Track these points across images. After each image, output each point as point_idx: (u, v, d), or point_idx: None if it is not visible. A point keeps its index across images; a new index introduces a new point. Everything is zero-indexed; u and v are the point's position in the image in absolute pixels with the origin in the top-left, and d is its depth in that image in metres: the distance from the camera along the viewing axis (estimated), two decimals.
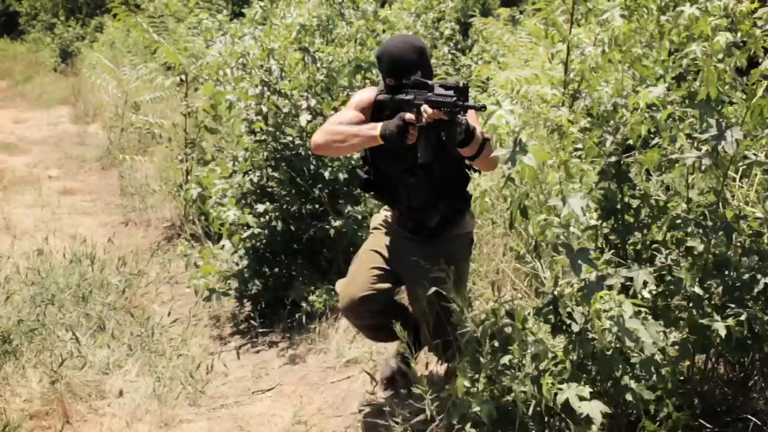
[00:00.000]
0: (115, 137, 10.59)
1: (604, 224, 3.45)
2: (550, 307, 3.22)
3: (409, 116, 3.17)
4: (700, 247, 3.09)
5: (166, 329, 4.87)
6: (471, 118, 3.21)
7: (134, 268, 5.81)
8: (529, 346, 3.26)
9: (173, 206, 7.63)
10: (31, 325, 4.58)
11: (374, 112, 3.49)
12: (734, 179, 3.98)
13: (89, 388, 4.19)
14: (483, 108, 2.85)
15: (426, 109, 3.11)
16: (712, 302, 3.18)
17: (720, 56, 2.86)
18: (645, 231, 3.42)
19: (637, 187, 3.38)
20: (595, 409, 2.77)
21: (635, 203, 3.40)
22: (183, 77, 7.15)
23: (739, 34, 2.90)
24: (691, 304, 3.11)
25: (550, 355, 3.26)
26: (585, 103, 3.33)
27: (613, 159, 3.34)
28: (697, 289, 3.04)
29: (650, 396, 2.93)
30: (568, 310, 3.17)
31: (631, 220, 3.41)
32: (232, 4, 15.97)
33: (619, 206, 3.36)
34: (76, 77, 17.44)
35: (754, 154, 3.23)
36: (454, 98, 3.00)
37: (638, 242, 3.43)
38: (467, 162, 3.42)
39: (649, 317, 2.85)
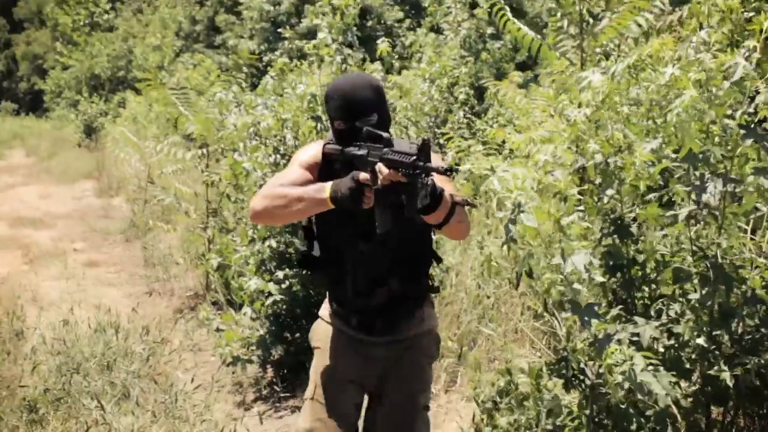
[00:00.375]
0: (139, 209, 10.81)
1: (612, 279, 3.52)
2: (563, 362, 3.28)
3: (364, 176, 2.61)
4: (697, 297, 3.14)
5: (189, 396, 4.93)
6: (439, 177, 2.62)
7: (158, 337, 5.90)
8: (544, 402, 3.32)
9: (196, 275, 7.76)
10: (57, 394, 4.67)
11: (322, 168, 2.93)
12: (746, 231, 4.04)
13: None
14: (450, 171, 2.40)
15: (381, 168, 2.54)
16: (723, 352, 3.22)
17: (691, 110, 2.98)
18: (652, 285, 3.49)
19: (640, 242, 3.45)
20: None
21: (641, 258, 3.48)
22: (205, 149, 7.34)
23: (714, 89, 3.00)
24: (694, 356, 3.17)
25: (565, 410, 3.32)
26: (581, 163, 3.43)
27: (612, 215, 3.44)
28: (701, 341, 3.09)
29: None
30: (581, 365, 3.23)
31: (638, 274, 3.48)
32: (252, 76, 16.37)
33: (624, 261, 3.44)
34: (99, 152, 17.81)
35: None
36: (414, 158, 2.43)
37: (645, 296, 3.49)
38: (434, 230, 3.00)
39: (661, 369, 2.90)
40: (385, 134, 2.67)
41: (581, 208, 3.57)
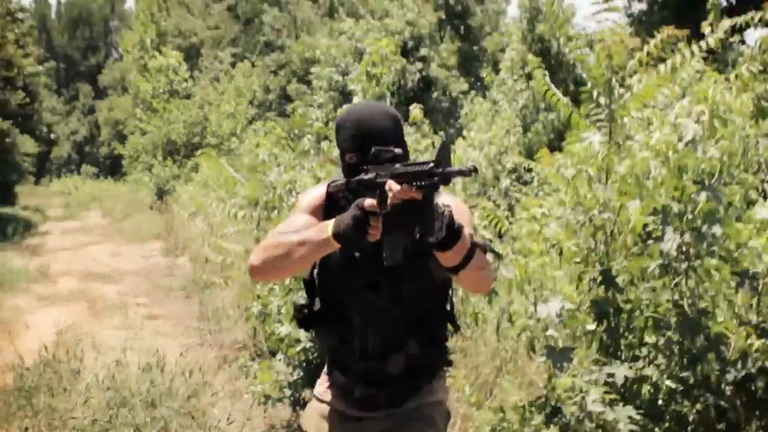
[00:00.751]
0: (200, 267, 11.37)
1: (600, 327, 3.83)
2: (542, 400, 3.60)
3: (369, 202, 2.22)
4: (662, 342, 3.45)
5: (223, 431, 5.32)
6: (461, 216, 2.32)
7: (201, 380, 6.32)
8: None
9: (246, 329, 8.20)
10: (103, 426, 5.12)
11: (327, 208, 2.59)
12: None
13: None
14: (474, 171, 2.02)
15: (391, 185, 2.14)
16: (691, 393, 3.50)
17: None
18: (637, 333, 3.79)
19: (624, 292, 3.76)
20: None
21: (627, 307, 3.78)
22: (257, 210, 7.85)
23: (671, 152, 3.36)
24: (665, 396, 3.46)
25: None
26: (573, 217, 3.77)
27: (601, 267, 3.77)
28: (669, 383, 3.39)
29: None
30: (558, 404, 3.55)
31: (624, 323, 3.78)
32: (317, 142, 17.02)
33: (610, 310, 3.75)
34: (169, 214, 18.60)
35: None
36: (431, 165, 2.05)
37: (628, 343, 3.79)
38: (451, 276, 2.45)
39: (621, 404, 3.21)
40: (396, 150, 2.34)
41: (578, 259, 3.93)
